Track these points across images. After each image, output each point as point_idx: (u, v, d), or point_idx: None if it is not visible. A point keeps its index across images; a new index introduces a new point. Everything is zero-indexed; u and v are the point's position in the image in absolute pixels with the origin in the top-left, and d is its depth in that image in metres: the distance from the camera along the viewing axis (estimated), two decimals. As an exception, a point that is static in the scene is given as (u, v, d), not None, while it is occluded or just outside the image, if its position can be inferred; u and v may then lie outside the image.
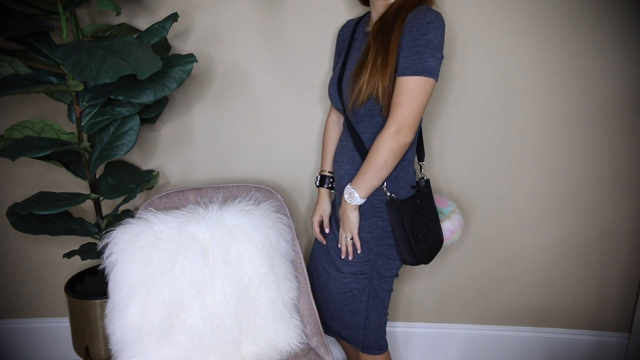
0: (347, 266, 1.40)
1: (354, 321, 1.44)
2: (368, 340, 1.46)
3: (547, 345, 1.98)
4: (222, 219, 1.41)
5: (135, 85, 1.40)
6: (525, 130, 1.75)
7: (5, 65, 1.37)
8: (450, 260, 1.91)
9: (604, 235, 1.85)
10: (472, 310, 1.97)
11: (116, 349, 1.34)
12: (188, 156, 1.82)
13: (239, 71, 1.73)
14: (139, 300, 1.31)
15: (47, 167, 1.82)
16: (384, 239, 1.35)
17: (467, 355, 2.02)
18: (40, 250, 1.92)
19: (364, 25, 1.43)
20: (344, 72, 1.36)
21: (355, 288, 1.41)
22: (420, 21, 1.17)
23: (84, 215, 1.85)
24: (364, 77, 1.23)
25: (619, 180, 1.79)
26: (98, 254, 1.47)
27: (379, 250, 1.36)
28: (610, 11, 1.62)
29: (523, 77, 1.70)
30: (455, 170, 1.80)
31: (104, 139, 1.52)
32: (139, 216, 1.42)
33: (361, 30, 1.42)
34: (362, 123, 1.32)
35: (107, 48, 1.27)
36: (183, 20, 1.67)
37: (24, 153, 1.31)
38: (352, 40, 1.42)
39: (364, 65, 1.25)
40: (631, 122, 1.72)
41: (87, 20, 1.68)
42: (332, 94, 1.40)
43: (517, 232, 1.86)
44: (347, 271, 1.40)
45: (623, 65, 1.67)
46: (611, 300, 1.92)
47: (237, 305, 1.36)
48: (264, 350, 1.39)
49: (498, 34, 1.65)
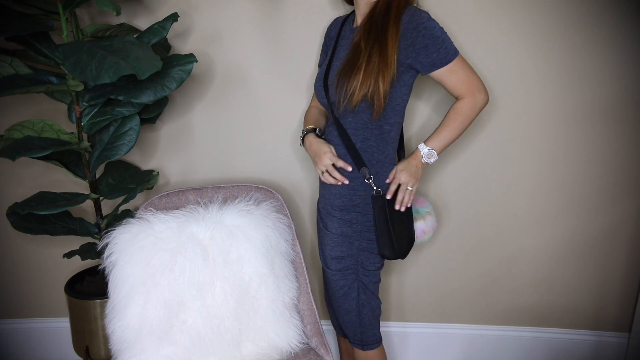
0: (333, 263, 1.42)
1: (350, 320, 1.46)
2: (366, 337, 1.47)
3: (547, 345, 1.98)
4: (222, 219, 1.41)
5: (135, 85, 1.40)
6: (525, 130, 1.75)
7: (5, 65, 1.37)
8: (450, 260, 1.91)
9: (604, 235, 1.85)
10: (472, 310, 1.97)
11: (116, 349, 1.34)
12: (188, 156, 1.82)
13: (239, 71, 1.73)
14: (139, 300, 1.31)
15: (47, 167, 1.82)
16: (364, 234, 1.38)
17: (467, 355, 2.02)
18: (40, 250, 1.92)
19: (350, 23, 1.46)
20: (330, 69, 1.40)
21: (345, 285, 1.43)
22: (420, 22, 1.27)
23: (84, 215, 1.85)
24: (357, 79, 1.27)
25: (619, 180, 1.79)
26: (98, 254, 1.47)
27: (360, 245, 1.39)
28: (610, 11, 1.62)
29: (523, 77, 1.70)
30: (455, 170, 1.80)
31: (104, 139, 1.52)
32: (139, 216, 1.42)
33: (348, 28, 1.45)
34: (346, 119, 1.35)
35: (107, 48, 1.27)
36: (183, 20, 1.67)
37: (24, 153, 1.31)
38: (339, 37, 1.45)
39: (354, 67, 1.28)
40: (631, 122, 1.72)
41: (87, 20, 1.68)
42: (318, 90, 1.44)
43: (517, 232, 1.86)
44: (334, 268, 1.43)
45: (623, 65, 1.67)
46: (611, 300, 1.92)
47: (237, 305, 1.36)
48: (264, 350, 1.39)
49: (497, 34, 1.65)
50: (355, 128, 1.35)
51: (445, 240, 1.88)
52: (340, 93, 1.31)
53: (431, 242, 1.89)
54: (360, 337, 1.47)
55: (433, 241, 1.88)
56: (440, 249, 1.90)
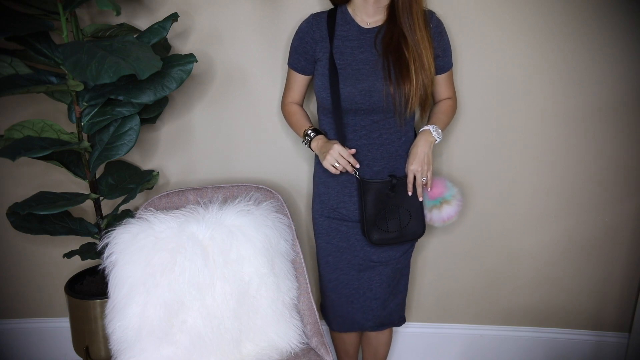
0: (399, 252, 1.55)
1: (402, 299, 1.65)
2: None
3: (547, 345, 1.98)
4: (222, 219, 1.41)
5: (135, 85, 1.40)
6: (525, 130, 1.75)
7: (5, 65, 1.37)
8: (451, 260, 1.91)
9: (604, 235, 1.85)
10: (472, 310, 1.97)
11: (116, 349, 1.34)
12: (188, 156, 1.82)
13: (239, 71, 1.73)
14: (139, 300, 1.31)
15: (47, 167, 1.82)
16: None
17: (467, 356, 2.02)
18: (40, 250, 1.92)
19: (349, 23, 1.43)
20: (335, 73, 1.40)
21: (408, 264, 1.62)
22: (442, 28, 1.46)
23: (84, 215, 1.85)
24: (411, 83, 1.36)
25: (619, 180, 1.79)
26: (98, 254, 1.47)
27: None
28: (611, 11, 1.62)
29: (523, 77, 1.70)
30: (456, 170, 1.80)
31: (104, 139, 1.52)
32: (139, 216, 1.42)
33: (348, 28, 1.43)
34: (389, 121, 1.44)
35: (107, 48, 1.27)
36: (183, 20, 1.67)
37: (24, 153, 1.31)
38: (333, 37, 1.43)
39: (403, 72, 1.36)
40: (631, 122, 1.72)
41: (87, 20, 1.68)
42: (326, 97, 1.43)
43: (517, 232, 1.86)
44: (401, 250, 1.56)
45: (623, 65, 1.67)
46: (611, 300, 1.92)
47: (237, 305, 1.36)
48: (264, 350, 1.39)
49: (499, 33, 1.65)
50: (404, 131, 1.47)
51: (445, 240, 1.88)
52: (397, 98, 1.37)
53: (431, 242, 1.89)
54: (398, 315, 1.65)
55: (433, 241, 1.88)
56: (441, 248, 1.90)
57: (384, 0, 1.38)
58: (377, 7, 1.39)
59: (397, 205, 1.45)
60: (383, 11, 1.41)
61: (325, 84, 1.42)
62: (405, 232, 1.46)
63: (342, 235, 1.52)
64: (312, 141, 1.47)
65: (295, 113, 1.55)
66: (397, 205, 1.45)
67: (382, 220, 1.44)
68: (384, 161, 1.45)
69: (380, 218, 1.44)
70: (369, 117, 1.42)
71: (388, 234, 1.45)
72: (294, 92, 1.55)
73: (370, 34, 1.41)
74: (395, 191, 1.43)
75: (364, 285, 1.55)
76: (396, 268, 1.55)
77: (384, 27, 1.40)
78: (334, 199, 1.50)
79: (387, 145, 1.44)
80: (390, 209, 1.44)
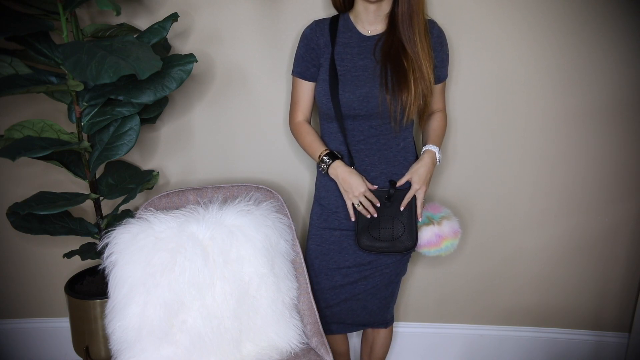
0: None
1: (393, 300, 1.64)
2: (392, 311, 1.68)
3: (547, 345, 1.98)
4: (222, 219, 1.41)
5: (135, 85, 1.40)
6: (525, 131, 1.75)
7: (5, 65, 1.37)
8: (451, 260, 1.91)
9: (604, 235, 1.85)
10: (472, 311, 1.97)
11: (116, 349, 1.34)
12: (188, 156, 1.82)
13: (239, 71, 1.73)
14: (139, 301, 1.31)
15: (47, 167, 1.82)
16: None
17: (467, 356, 2.02)
18: (40, 250, 1.92)
19: (349, 31, 1.44)
20: (335, 78, 1.40)
21: (405, 268, 1.62)
22: (444, 38, 1.46)
23: (84, 215, 1.85)
24: (409, 92, 1.36)
25: (619, 180, 1.79)
26: (98, 254, 1.47)
27: None
28: (611, 11, 1.62)
29: (524, 77, 1.70)
30: (456, 171, 1.80)
31: (104, 139, 1.52)
32: (139, 216, 1.42)
33: (349, 35, 1.44)
34: (389, 130, 1.44)
35: (107, 48, 1.27)
36: (183, 20, 1.67)
37: (24, 153, 1.31)
38: (335, 44, 1.43)
39: (403, 79, 1.35)
40: (631, 122, 1.72)
41: (87, 20, 1.68)
42: (326, 102, 1.42)
43: (517, 232, 1.86)
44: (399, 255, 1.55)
45: (624, 65, 1.67)
46: (611, 300, 1.92)
47: (237, 305, 1.36)
48: (264, 350, 1.39)
49: (498, 33, 1.65)
50: (406, 138, 1.48)
51: (445, 240, 1.88)
52: (393, 105, 1.37)
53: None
54: (390, 314, 1.65)
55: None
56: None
57: (384, 9, 1.39)
58: (378, 16, 1.40)
59: (391, 216, 1.45)
60: (384, 19, 1.41)
61: (326, 89, 1.42)
62: (397, 244, 1.45)
63: (334, 239, 1.53)
64: (329, 168, 1.44)
65: (308, 133, 1.50)
66: (392, 215, 1.45)
67: (374, 228, 1.44)
68: (381, 166, 1.45)
69: (373, 225, 1.44)
70: (367, 122, 1.42)
71: (378, 242, 1.45)
72: (303, 105, 1.51)
73: (371, 42, 1.42)
74: (391, 201, 1.44)
75: (347, 290, 1.55)
76: (384, 273, 1.54)
77: (384, 36, 1.41)
78: (334, 202, 1.50)
79: (384, 150, 1.44)
80: (385, 218, 1.44)
